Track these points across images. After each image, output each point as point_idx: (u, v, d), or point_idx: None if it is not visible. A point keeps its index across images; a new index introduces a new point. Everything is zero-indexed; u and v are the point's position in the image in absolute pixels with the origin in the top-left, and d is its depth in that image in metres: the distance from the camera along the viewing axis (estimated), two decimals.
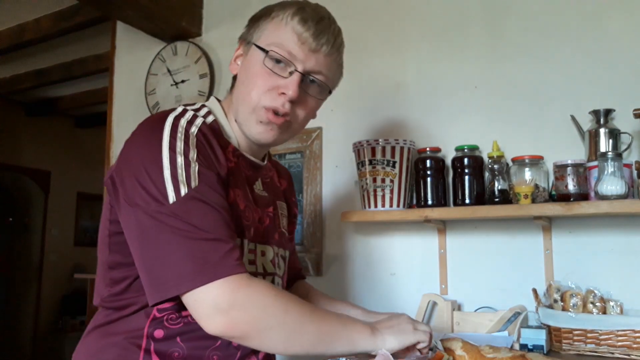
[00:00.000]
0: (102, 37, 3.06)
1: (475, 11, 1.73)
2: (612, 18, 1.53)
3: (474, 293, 1.63)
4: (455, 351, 1.05)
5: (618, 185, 1.32)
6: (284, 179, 1.25)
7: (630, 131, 1.45)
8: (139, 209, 0.83)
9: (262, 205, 1.06)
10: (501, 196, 1.52)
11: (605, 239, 1.48)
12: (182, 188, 0.83)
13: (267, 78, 0.95)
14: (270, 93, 0.95)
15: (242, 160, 1.02)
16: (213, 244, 0.81)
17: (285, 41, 0.94)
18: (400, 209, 1.63)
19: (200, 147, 0.88)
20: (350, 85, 1.92)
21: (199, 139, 0.89)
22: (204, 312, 0.81)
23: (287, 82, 0.94)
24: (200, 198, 0.83)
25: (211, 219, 0.83)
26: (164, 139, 0.86)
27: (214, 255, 0.80)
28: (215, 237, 0.82)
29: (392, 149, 1.62)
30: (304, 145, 1.97)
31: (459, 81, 1.73)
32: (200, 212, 0.82)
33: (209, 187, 0.85)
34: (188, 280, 0.79)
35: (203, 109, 0.99)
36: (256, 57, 0.97)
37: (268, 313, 0.84)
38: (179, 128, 0.88)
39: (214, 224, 0.83)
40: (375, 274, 1.80)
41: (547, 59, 1.60)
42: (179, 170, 0.84)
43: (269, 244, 1.05)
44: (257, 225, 1.01)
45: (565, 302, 1.35)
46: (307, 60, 0.95)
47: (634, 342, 1.24)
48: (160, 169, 0.84)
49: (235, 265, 0.82)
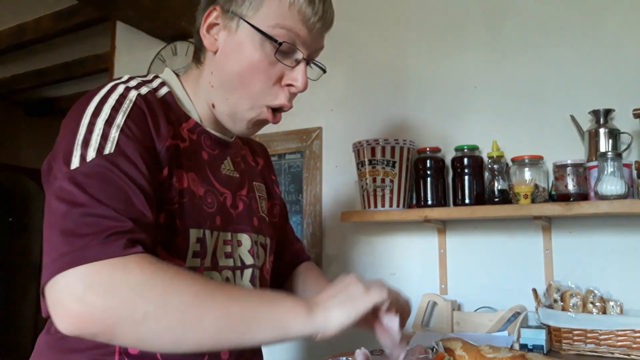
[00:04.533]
0: (102, 37, 3.05)
1: (475, 11, 1.73)
2: (611, 18, 1.53)
3: (474, 293, 1.63)
4: (455, 351, 1.05)
5: (618, 185, 1.32)
6: (260, 156, 1.10)
7: (630, 131, 1.45)
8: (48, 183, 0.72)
9: (234, 188, 0.92)
10: (501, 196, 1.52)
11: (605, 239, 1.48)
12: (90, 154, 0.68)
13: (271, 69, 0.82)
14: (275, 88, 0.83)
15: (206, 138, 0.89)
16: (95, 220, 0.63)
17: (291, 24, 0.80)
18: (400, 209, 1.63)
19: (134, 114, 0.74)
20: (350, 85, 1.92)
21: (137, 105, 0.76)
22: (53, 303, 0.61)
23: (294, 73, 0.83)
24: (107, 167, 0.68)
25: (111, 192, 0.66)
26: (91, 104, 0.74)
27: (89, 234, 0.62)
28: (104, 213, 0.64)
29: (392, 149, 1.62)
30: (303, 145, 1.97)
31: (458, 81, 1.73)
32: (100, 182, 0.66)
33: (126, 157, 0.70)
34: (48, 268, 0.61)
35: (156, 80, 0.86)
36: (253, 41, 0.81)
37: (141, 295, 0.61)
38: (113, 94, 0.76)
39: (112, 198, 0.66)
40: (375, 274, 1.80)
41: (547, 59, 1.60)
42: (94, 135, 0.70)
43: (245, 232, 0.92)
44: (227, 212, 0.88)
45: (565, 302, 1.35)
46: (312, 44, 0.84)
47: (634, 342, 1.24)
48: (74, 135, 0.71)
49: (118, 248, 0.62)
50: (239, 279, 0.88)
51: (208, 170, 0.87)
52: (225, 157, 0.93)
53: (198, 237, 0.81)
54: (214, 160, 0.89)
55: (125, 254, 0.63)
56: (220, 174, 0.90)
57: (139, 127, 0.74)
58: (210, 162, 0.88)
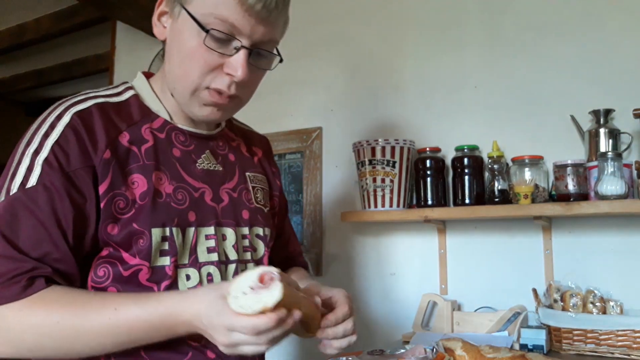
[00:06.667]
0: (102, 37, 3.05)
1: (474, 11, 1.73)
2: (612, 18, 1.53)
3: (474, 293, 1.63)
4: (455, 351, 1.05)
5: (618, 185, 1.32)
6: (258, 147, 1.06)
7: (630, 131, 1.45)
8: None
9: (216, 182, 0.90)
10: (501, 196, 1.52)
11: (605, 239, 1.48)
12: (13, 188, 0.72)
13: (208, 57, 0.79)
14: (213, 73, 0.81)
15: (178, 134, 0.88)
16: (6, 259, 0.69)
17: (227, 11, 0.77)
18: (400, 209, 1.63)
19: (63, 139, 0.75)
20: (350, 86, 1.92)
21: (71, 126, 0.76)
22: None
23: (232, 61, 0.80)
24: (24, 202, 0.72)
25: (21, 229, 0.71)
26: (28, 132, 0.77)
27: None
28: (6, 253, 0.69)
29: (392, 149, 1.62)
30: (303, 145, 1.97)
31: (458, 81, 1.73)
32: (12, 219, 0.71)
33: (46, 189, 0.72)
34: None
35: (122, 86, 0.88)
36: (190, 29, 0.79)
37: (24, 336, 0.69)
38: (48, 118, 0.78)
39: (20, 235, 0.70)
40: (375, 274, 1.80)
41: (547, 59, 1.60)
42: (21, 168, 0.74)
43: (230, 226, 0.90)
44: (206, 206, 0.87)
45: (565, 302, 1.35)
46: (254, 32, 0.79)
47: (634, 342, 1.24)
48: (9, 167, 0.75)
49: (16, 291, 0.68)
50: (224, 274, 0.87)
51: (179, 167, 0.86)
52: (203, 151, 0.91)
53: (163, 236, 0.81)
54: (187, 155, 0.88)
55: (24, 295, 0.69)
56: (195, 170, 0.88)
57: (67, 152, 0.75)
58: (182, 158, 0.87)
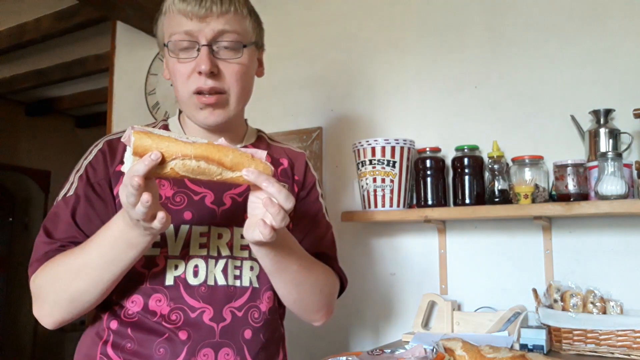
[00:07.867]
0: (102, 37, 3.06)
1: (475, 11, 1.73)
2: (612, 18, 1.53)
3: (474, 293, 1.63)
4: (456, 351, 1.05)
5: (618, 185, 1.32)
6: (285, 158, 1.17)
7: (630, 131, 1.45)
8: None
9: (220, 188, 1.03)
10: (501, 196, 1.52)
11: (605, 239, 1.48)
12: (59, 198, 1.01)
13: (182, 67, 0.98)
14: (191, 78, 0.98)
15: None
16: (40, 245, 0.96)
17: (177, 25, 0.97)
18: (400, 209, 1.63)
19: (95, 159, 1.02)
20: (350, 86, 1.92)
21: (101, 150, 1.03)
22: None
23: (198, 59, 0.96)
24: (61, 206, 0.99)
25: (55, 224, 0.98)
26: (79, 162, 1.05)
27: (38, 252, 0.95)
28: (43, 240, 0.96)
29: (392, 149, 1.62)
30: (304, 145, 1.97)
31: (458, 81, 1.73)
32: (53, 218, 0.99)
33: (76, 196, 0.99)
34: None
35: (159, 122, 1.13)
36: (167, 54, 1.01)
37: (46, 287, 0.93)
38: (91, 148, 1.06)
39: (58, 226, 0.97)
40: (375, 274, 1.80)
41: (547, 59, 1.60)
42: (67, 184, 1.02)
43: (229, 227, 1.02)
44: (205, 208, 1.00)
45: (565, 302, 1.35)
46: (204, 29, 0.96)
47: (634, 342, 1.24)
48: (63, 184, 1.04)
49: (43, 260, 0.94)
50: (211, 267, 1.00)
51: None
52: None
53: None
54: None
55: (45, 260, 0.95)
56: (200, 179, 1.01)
57: (95, 168, 1.01)
58: None
